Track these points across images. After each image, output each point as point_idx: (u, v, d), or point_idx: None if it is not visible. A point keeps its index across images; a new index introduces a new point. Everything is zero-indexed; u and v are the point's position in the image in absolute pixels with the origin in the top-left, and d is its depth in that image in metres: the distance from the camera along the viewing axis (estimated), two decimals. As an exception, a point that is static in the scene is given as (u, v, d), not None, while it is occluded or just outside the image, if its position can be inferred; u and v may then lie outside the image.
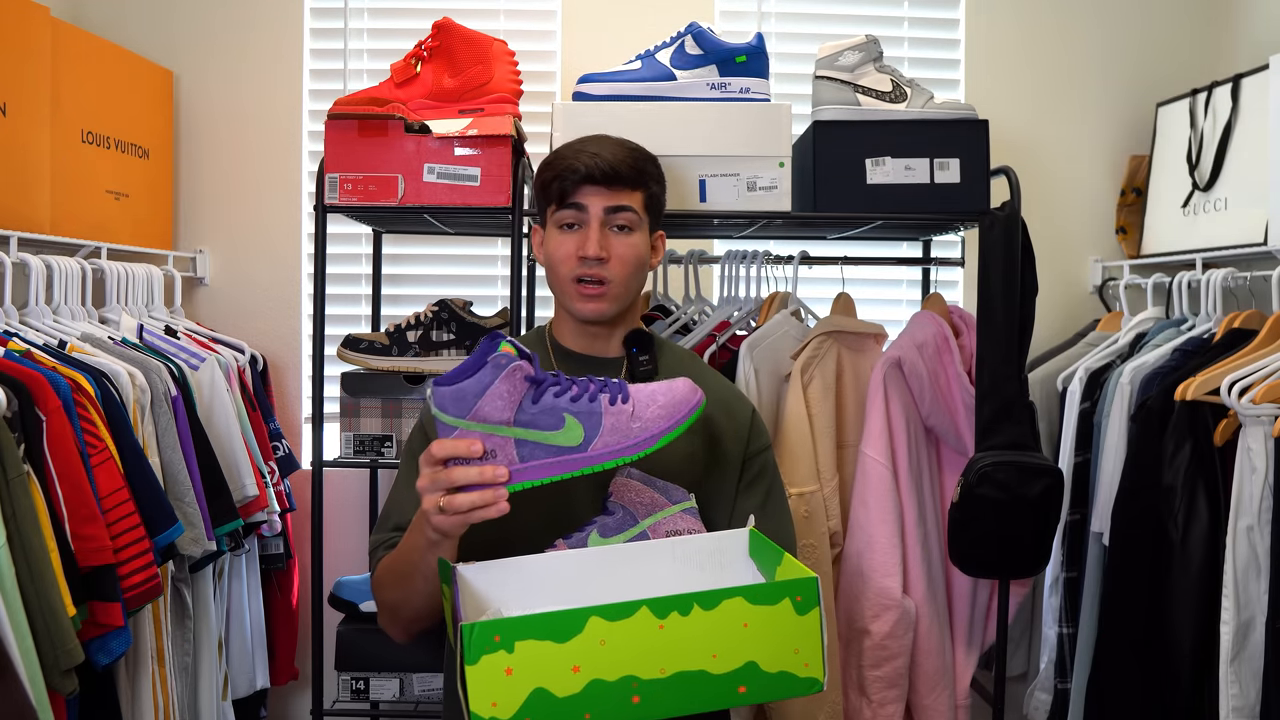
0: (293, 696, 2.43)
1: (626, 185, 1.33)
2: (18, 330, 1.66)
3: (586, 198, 1.32)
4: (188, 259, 2.39)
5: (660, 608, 1.00)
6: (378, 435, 1.98)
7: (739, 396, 1.45)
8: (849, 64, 1.87)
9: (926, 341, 1.91)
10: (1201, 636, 1.68)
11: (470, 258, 2.49)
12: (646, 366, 1.39)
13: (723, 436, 1.39)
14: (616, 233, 1.33)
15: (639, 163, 1.35)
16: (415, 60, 1.92)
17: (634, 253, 1.34)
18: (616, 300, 1.36)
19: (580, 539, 1.23)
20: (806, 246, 2.10)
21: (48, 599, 1.32)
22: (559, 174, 1.32)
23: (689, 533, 1.25)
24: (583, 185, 1.31)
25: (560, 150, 1.37)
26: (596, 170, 1.30)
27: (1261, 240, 2.00)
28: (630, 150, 1.36)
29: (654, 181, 1.38)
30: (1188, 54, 2.48)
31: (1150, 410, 1.81)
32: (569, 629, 0.98)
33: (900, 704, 1.88)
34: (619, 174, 1.32)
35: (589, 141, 1.36)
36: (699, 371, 1.45)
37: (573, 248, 1.33)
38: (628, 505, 1.24)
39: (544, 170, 1.36)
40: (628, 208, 1.33)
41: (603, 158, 1.31)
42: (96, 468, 1.46)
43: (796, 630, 1.03)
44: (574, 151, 1.34)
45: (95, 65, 2.02)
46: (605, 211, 1.32)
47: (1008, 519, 1.78)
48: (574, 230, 1.34)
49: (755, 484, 1.40)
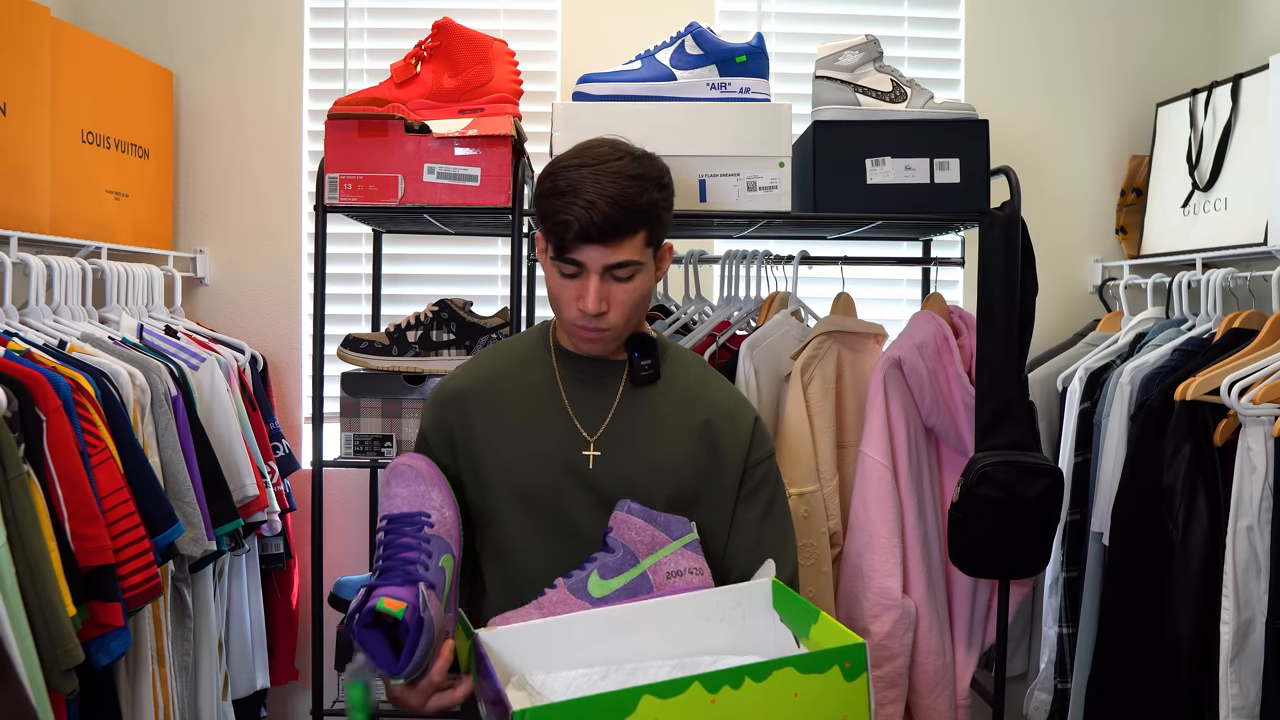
0: (293, 696, 2.43)
1: (625, 234, 1.24)
2: (18, 330, 1.66)
3: (584, 254, 1.25)
4: (188, 259, 2.39)
5: (712, 682, 1.00)
6: (378, 435, 1.98)
7: (743, 403, 1.43)
8: (849, 64, 1.87)
9: (926, 341, 1.91)
10: (1201, 636, 1.68)
11: (470, 258, 2.49)
12: (648, 371, 1.38)
13: (724, 443, 1.38)
14: (617, 282, 1.28)
15: (639, 199, 1.24)
16: (415, 60, 1.92)
17: (635, 296, 1.30)
18: (617, 339, 1.35)
19: (581, 579, 1.23)
20: (806, 246, 2.10)
21: (48, 599, 1.32)
22: (555, 224, 1.24)
23: (690, 571, 1.25)
24: (578, 243, 1.24)
25: (557, 176, 1.26)
26: (592, 227, 1.22)
27: (1261, 240, 2.00)
28: (630, 183, 1.24)
29: (656, 210, 1.28)
30: (1188, 54, 2.49)
31: (1150, 410, 1.81)
32: (622, 709, 0.97)
33: (900, 704, 1.88)
34: (615, 225, 1.23)
35: (587, 177, 1.24)
36: (702, 375, 1.44)
37: (573, 295, 1.28)
38: (628, 544, 1.24)
39: (540, 202, 1.28)
40: (627, 262, 1.26)
41: (599, 210, 1.21)
42: (96, 468, 1.46)
43: (846, 696, 1.04)
44: (570, 188, 1.23)
45: (95, 65, 2.02)
46: (604, 268, 1.26)
47: (1007, 519, 1.78)
48: (574, 279, 1.28)
49: (757, 493, 1.39)
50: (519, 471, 1.35)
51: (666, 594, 1.23)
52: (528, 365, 1.42)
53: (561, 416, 1.37)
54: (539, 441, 1.36)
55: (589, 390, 1.38)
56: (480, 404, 1.39)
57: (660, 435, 1.36)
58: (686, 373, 1.43)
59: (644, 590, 1.23)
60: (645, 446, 1.35)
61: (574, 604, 1.21)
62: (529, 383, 1.40)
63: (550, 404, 1.38)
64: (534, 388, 1.39)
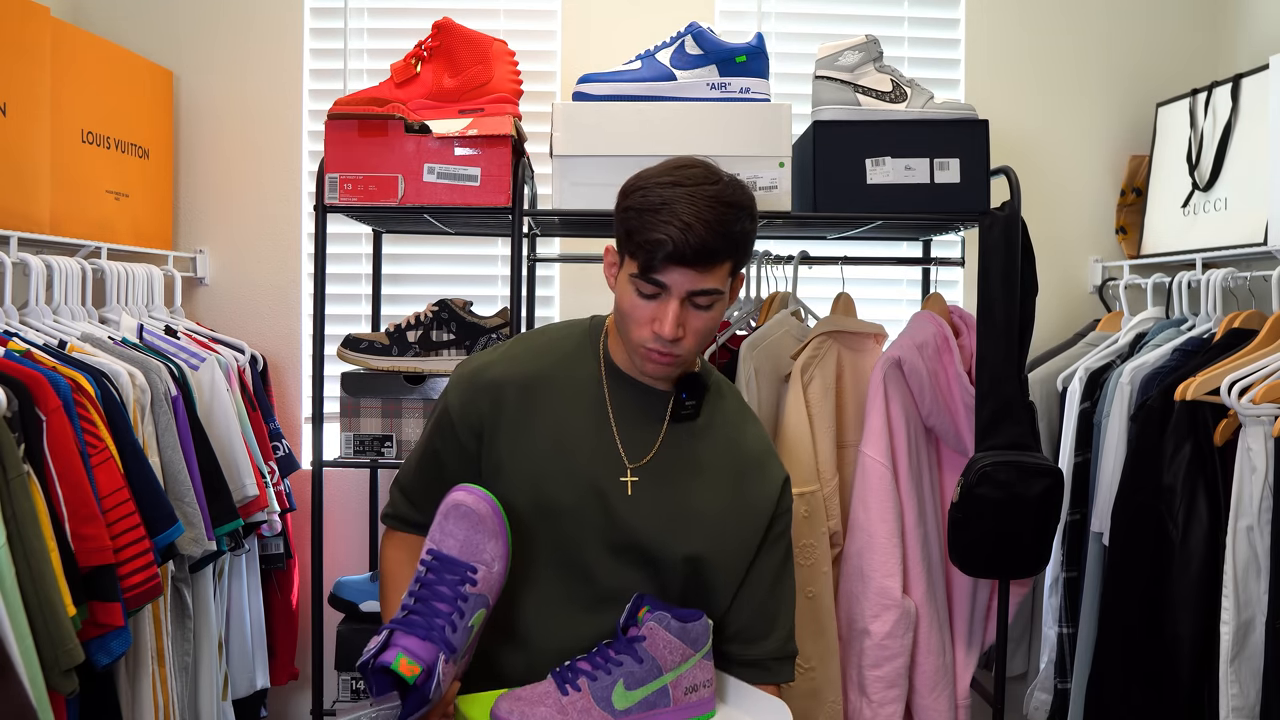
0: (293, 696, 2.43)
1: (715, 260, 1.21)
2: (18, 330, 1.66)
3: (670, 277, 1.20)
4: (188, 259, 2.39)
5: None
6: (378, 435, 1.98)
7: (773, 457, 1.41)
8: (849, 64, 1.87)
9: (926, 341, 1.91)
10: (1201, 636, 1.68)
11: (470, 258, 2.49)
12: (688, 411, 1.35)
13: (752, 493, 1.36)
14: (696, 309, 1.24)
15: (733, 227, 1.21)
16: (415, 60, 1.93)
17: (710, 325, 1.26)
18: (683, 366, 1.32)
19: (606, 686, 1.24)
20: (806, 246, 2.10)
21: (48, 599, 1.32)
22: (645, 242, 1.19)
23: (703, 686, 1.29)
24: (668, 264, 1.19)
25: (649, 192, 1.21)
26: (687, 249, 1.18)
27: (1261, 240, 2.00)
28: (726, 210, 1.20)
29: (745, 240, 1.25)
30: (1188, 54, 2.49)
31: (1150, 410, 1.81)
32: None
33: (900, 704, 1.88)
34: (710, 251, 1.19)
35: (682, 197, 1.19)
36: (739, 418, 1.41)
37: (648, 315, 1.24)
38: (657, 657, 1.25)
39: (629, 216, 1.23)
40: (711, 290, 1.22)
41: (695, 233, 1.17)
42: (96, 468, 1.46)
43: None
44: (665, 205, 1.19)
45: (95, 65, 2.02)
46: (687, 294, 1.22)
47: (1008, 519, 1.78)
48: (652, 300, 1.23)
49: (779, 540, 1.39)
50: (548, 480, 1.30)
51: (681, 710, 1.27)
52: (575, 369, 1.36)
53: (605, 435, 1.32)
54: (576, 454, 1.31)
55: (635, 415, 1.34)
56: (519, 400, 1.33)
57: (698, 482, 1.34)
58: (725, 413, 1.39)
59: (662, 704, 1.26)
60: (683, 490, 1.33)
61: (597, 714, 1.22)
62: (574, 390, 1.34)
63: (595, 419, 1.33)
64: (579, 397, 1.34)
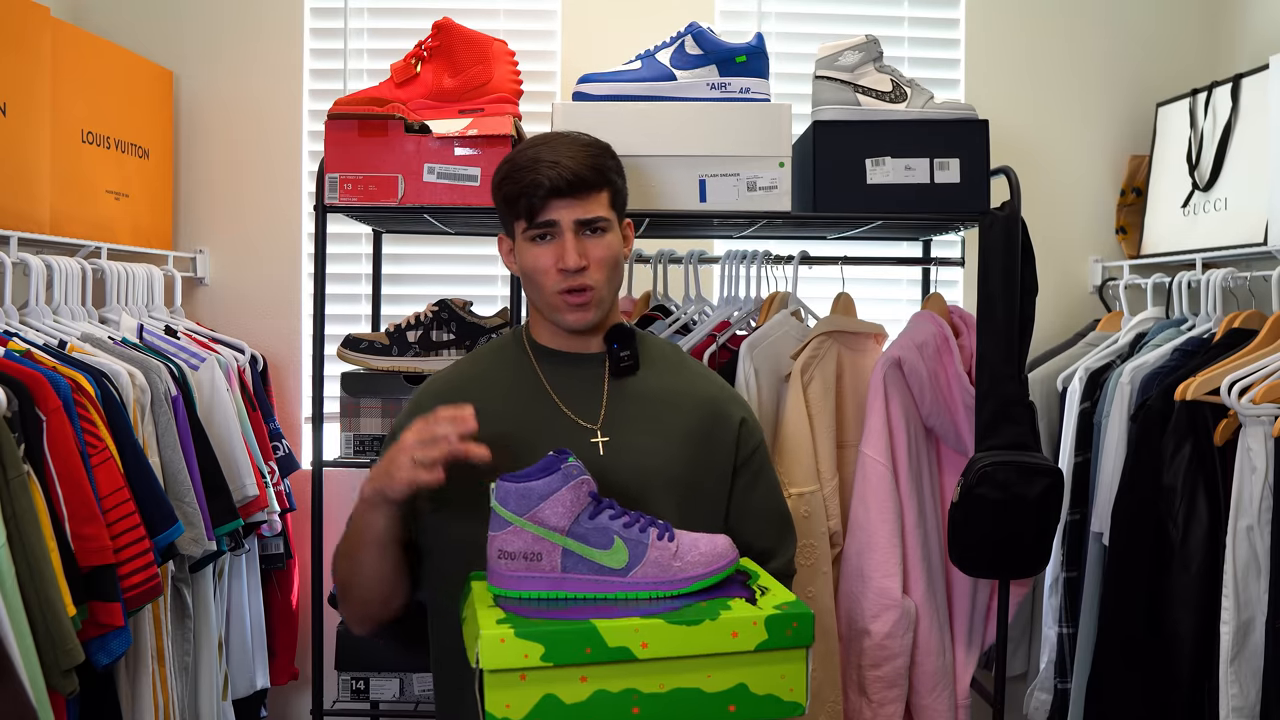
0: (293, 696, 2.43)
1: (592, 189, 1.32)
2: (18, 330, 1.66)
3: (556, 212, 1.31)
4: (188, 259, 2.39)
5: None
6: (378, 435, 1.98)
7: (732, 398, 1.45)
8: (849, 64, 1.87)
9: (926, 341, 1.91)
10: (1201, 636, 1.68)
11: (470, 258, 2.49)
12: (628, 362, 1.39)
13: (715, 430, 1.40)
14: (590, 236, 1.33)
15: (599, 161, 1.34)
16: (415, 60, 1.92)
17: (610, 252, 1.34)
18: (601, 305, 1.36)
19: None
20: (806, 246, 2.10)
21: (48, 599, 1.32)
22: (523, 189, 1.30)
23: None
24: (550, 200, 1.30)
25: (515, 159, 1.34)
26: (561, 181, 1.29)
27: (1261, 240, 2.00)
28: (586, 149, 1.34)
29: (616, 175, 1.37)
30: (1188, 54, 2.48)
31: (1150, 410, 1.81)
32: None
33: (900, 704, 1.87)
34: (584, 179, 1.30)
35: (544, 149, 1.33)
36: (678, 361, 1.46)
37: (550, 260, 1.32)
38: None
39: (505, 184, 1.34)
40: (598, 217, 1.33)
41: (564, 165, 1.29)
42: (96, 468, 1.46)
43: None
44: (531, 161, 1.31)
45: (95, 65, 2.02)
46: (576, 223, 1.31)
47: (1007, 519, 1.78)
48: (548, 242, 1.33)
49: (756, 481, 1.43)
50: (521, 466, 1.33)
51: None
52: (508, 365, 1.42)
53: (553, 411, 1.37)
54: (538, 436, 1.34)
55: (573, 383, 1.39)
56: (468, 400, 1.35)
57: (656, 419, 1.38)
58: (665, 359, 1.45)
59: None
60: (647, 429, 1.36)
61: None
62: (513, 380, 1.40)
63: (538, 399, 1.38)
64: (519, 384, 1.39)
